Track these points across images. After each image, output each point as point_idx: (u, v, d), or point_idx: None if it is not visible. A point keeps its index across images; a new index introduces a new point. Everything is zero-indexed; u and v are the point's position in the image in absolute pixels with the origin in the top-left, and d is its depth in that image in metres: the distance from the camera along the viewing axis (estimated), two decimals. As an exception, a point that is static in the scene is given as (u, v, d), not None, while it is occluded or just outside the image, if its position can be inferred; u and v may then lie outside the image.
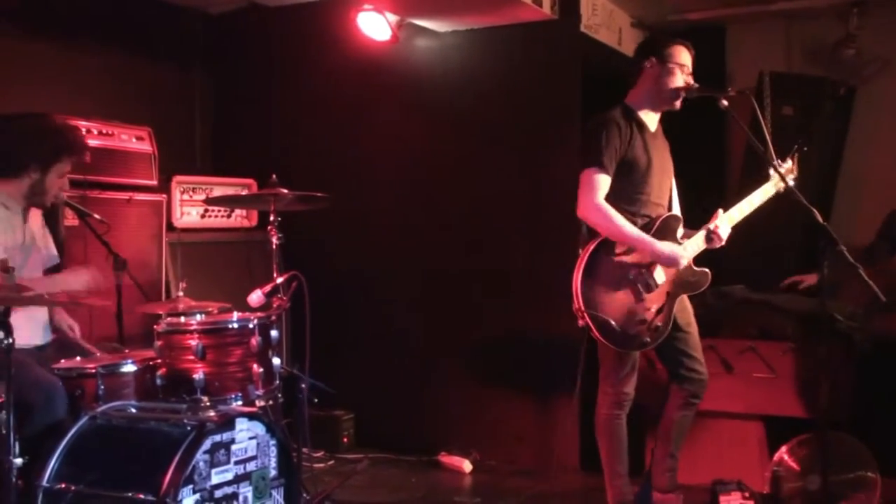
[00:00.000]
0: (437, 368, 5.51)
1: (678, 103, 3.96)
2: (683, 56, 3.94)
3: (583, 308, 3.73)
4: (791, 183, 3.93)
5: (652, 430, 4.28)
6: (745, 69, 5.91)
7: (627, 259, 3.81)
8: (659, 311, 3.83)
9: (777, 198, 4.05)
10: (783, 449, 4.40)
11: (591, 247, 3.80)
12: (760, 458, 4.63)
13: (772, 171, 3.97)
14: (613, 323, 3.74)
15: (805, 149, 4.17)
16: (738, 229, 3.99)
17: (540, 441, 5.23)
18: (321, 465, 5.16)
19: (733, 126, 5.71)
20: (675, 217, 3.97)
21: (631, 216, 3.83)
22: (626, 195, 3.85)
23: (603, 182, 3.79)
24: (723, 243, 3.95)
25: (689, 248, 3.89)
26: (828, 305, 4.72)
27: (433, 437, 5.37)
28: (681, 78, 3.91)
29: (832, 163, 5.70)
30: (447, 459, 5.22)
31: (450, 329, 5.49)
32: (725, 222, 3.94)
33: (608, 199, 3.80)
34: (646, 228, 3.84)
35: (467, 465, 5.15)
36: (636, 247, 3.79)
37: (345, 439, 5.48)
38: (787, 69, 5.78)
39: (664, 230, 3.89)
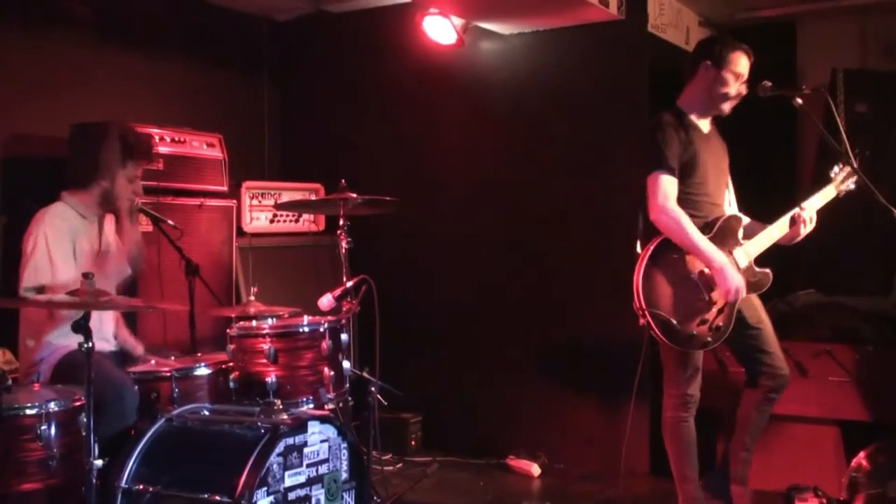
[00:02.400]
0: (504, 371, 5.50)
1: (727, 109, 3.94)
2: (741, 64, 3.88)
3: (644, 306, 3.69)
4: (852, 187, 3.92)
5: (722, 433, 4.21)
6: (816, 66, 5.78)
7: (690, 258, 3.76)
8: (720, 311, 3.78)
9: (848, 200, 3.97)
10: (861, 454, 4.30)
11: (653, 245, 3.76)
12: (836, 464, 4.52)
13: (833, 173, 3.94)
14: (674, 322, 3.69)
15: (867, 153, 4.08)
16: (807, 235, 3.93)
17: (609, 444, 5.17)
18: (390, 467, 5.18)
19: (806, 124, 5.60)
20: (735, 217, 3.92)
21: (693, 218, 3.78)
22: (686, 197, 3.81)
23: (671, 184, 3.76)
24: (812, 224, 3.89)
25: (752, 248, 3.86)
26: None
27: (501, 440, 5.36)
28: (734, 87, 3.88)
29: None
30: (515, 463, 5.20)
31: (517, 332, 5.47)
32: (811, 206, 3.91)
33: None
34: (706, 229, 3.80)
35: (535, 469, 5.12)
36: (703, 260, 3.73)
37: (413, 442, 5.50)
38: (861, 65, 5.64)
39: (725, 231, 3.85)
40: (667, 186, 3.75)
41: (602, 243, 5.22)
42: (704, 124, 3.98)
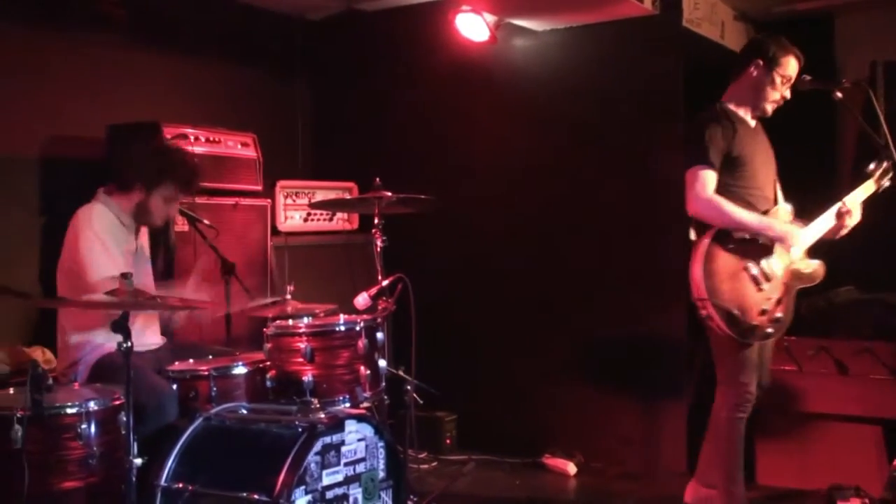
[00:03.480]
0: (539, 369, 5.47)
1: (769, 110, 3.92)
2: (791, 67, 3.87)
3: (706, 297, 3.66)
4: (887, 184, 3.91)
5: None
6: (855, 59, 5.69)
7: (745, 248, 3.75)
8: (779, 302, 3.78)
9: (889, 195, 3.94)
10: (903, 453, 4.24)
11: (708, 238, 3.75)
12: (879, 464, 4.46)
13: (869, 169, 3.92)
14: (737, 313, 3.68)
15: None
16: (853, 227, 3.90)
17: (646, 443, 5.15)
18: (425, 466, 5.18)
19: (846, 118, 5.52)
20: (785, 209, 3.92)
21: None
22: (737, 192, 3.81)
23: (709, 177, 3.75)
24: (857, 219, 3.89)
25: (808, 233, 3.85)
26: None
27: (536, 438, 5.33)
28: (780, 89, 3.87)
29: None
30: (551, 461, 5.17)
31: (552, 329, 5.45)
32: (853, 202, 3.90)
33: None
34: None
35: (571, 468, 5.09)
36: (755, 230, 3.74)
37: (448, 440, 5.48)
38: (901, 58, 5.55)
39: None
40: (705, 179, 3.75)
41: (640, 240, 5.19)
42: (750, 119, 3.96)
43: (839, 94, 3.77)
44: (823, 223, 3.89)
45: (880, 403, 4.50)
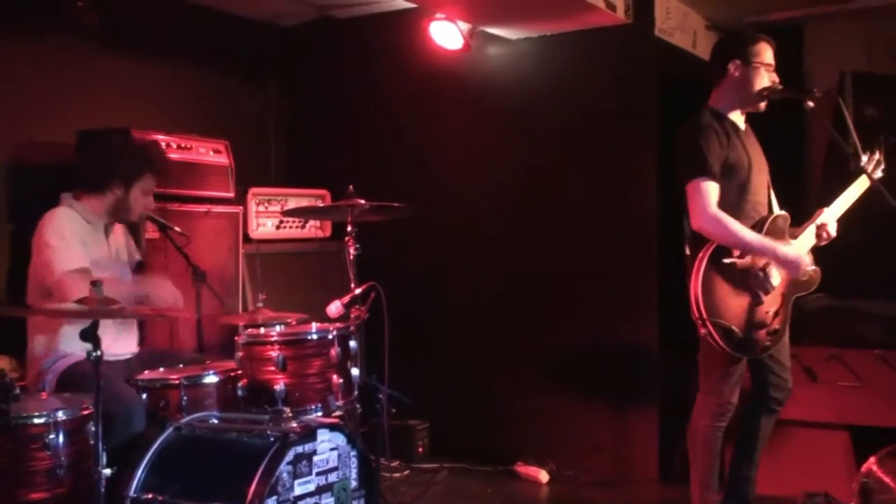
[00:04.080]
0: (512, 377, 5.48)
1: (763, 104, 3.87)
2: (768, 54, 3.84)
3: (706, 316, 3.61)
4: (880, 175, 3.86)
5: (729, 439, 4.17)
6: (823, 70, 5.75)
7: (744, 262, 3.71)
8: (776, 314, 3.75)
9: (862, 201, 3.94)
10: (872, 460, 4.25)
11: (708, 252, 3.67)
12: (847, 469, 4.49)
13: (863, 162, 3.84)
14: (736, 330, 3.64)
15: (893, 141, 4.04)
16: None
17: (618, 450, 5.16)
18: (397, 474, 5.16)
19: (815, 127, 5.58)
20: (783, 217, 3.86)
21: (740, 220, 3.71)
22: (733, 200, 3.75)
23: (712, 190, 3.68)
24: (831, 238, 3.87)
25: (802, 245, 3.82)
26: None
27: (509, 446, 5.32)
28: (766, 77, 3.82)
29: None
30: (523, 469, 5.17)
31: (525, 337, 5.46)
32: (830, 217, 3.87)
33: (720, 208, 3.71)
34: (755, 229, 3.73)
35: (544, 476, 5.09)
36: (759, 253, 3.69)
37: (420, 449, 5.46)
38: (869, 69, 5.61)
39: (774, 231, 3.79)
40: (708, 192, 3.67)
41: (611, 248, 5.21)
42: (741, 123, 3.91)
43: (811, 104, 3.77)
44: (809, 238, 3.85)
45: (849, 410, 4.55)
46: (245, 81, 6.02)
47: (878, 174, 3.88)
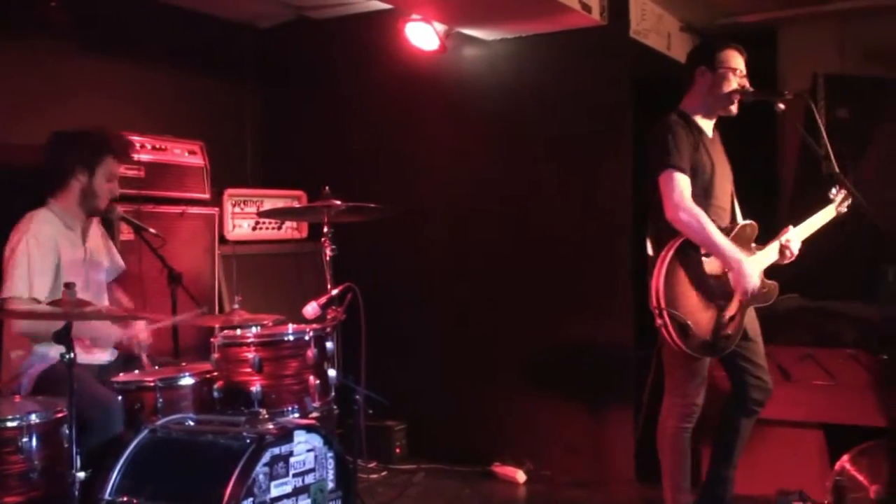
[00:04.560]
0: (489, 378, 5.49)
1: (734, 108, 3.92)
2: (735, 60, 3.89)
3: (663, 306, 3.63)
4: (844, 210, 3.95)
5: (708, 439, 4.21)
6: (797, 72, 5.82)
7: (708, 262, 3.74)
8: (731, 319, 3.77)
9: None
10: (845, 458, 4.32)
11: (675, 246, 3.70)
12: (820, 468, 4.54)
13: (832, 194, 3.94)
14: (692, 326, 3.66)
15: (848, 162, 4.10)
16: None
17: (594, 451, 5.18)
18: (374, 476, 5.16)
19: (787, 130, 5.63)
20: (751, 226, 3.89)
21: None
22: (697, 203, 3.76)
23: (685, 182, 3.71)
24: (794, 257, 3.90)
25: (761, 260, 3.84)
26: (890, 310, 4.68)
27: (486, 447, 5.33)
28: (734, 81, 3.87)
29: (892, 166, 5.56)
30: (500, 470, 5.18)
31: (501, 338, 5.47)
32: (795, 237, 3.91)
33: None
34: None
35: (521, 476, 5.11)
36: (721, 257, 3.71)
37: (398, 450, 5.46)
38: (841, 70, 5.67)
39: (741, 239, 3.83)
40: (681, 183, 3.70)
41: (588, 249, 5.23)
42: (709, 128, 3.96)
43: (781, 106, 3.81)
44: (772, 254, 3.89)
45: (822, 408, 4.58)
46: (221, 82, 5.98)
47: (843, 209, 3.98)
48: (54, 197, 3.89)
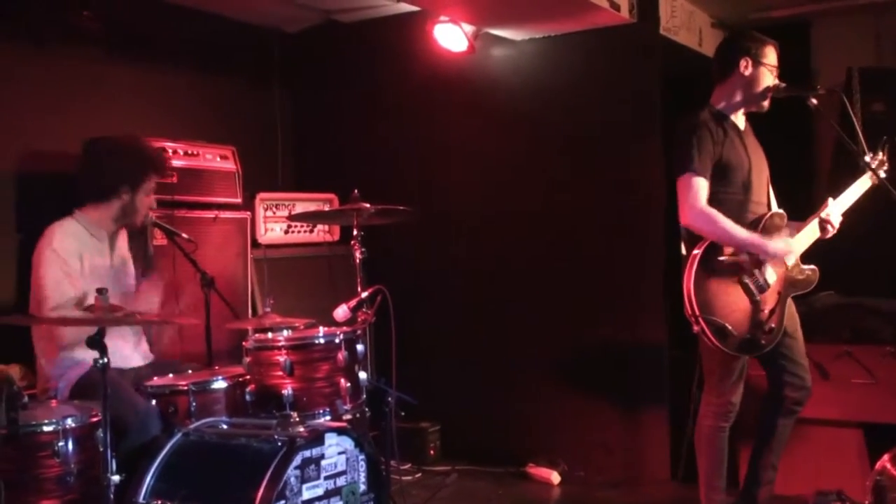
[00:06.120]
0: (523, 378, 5.47)
1: (766, 104, 3.88)
2: (773, 57, 3.86)
3: (698, 313, 3.59)
4: (883, 175, 3.84)
5: (747, 439, 4.15)
6: (831, 66, 5.73)
7: (738, 260, 3.69)
8: (772, 313, 3.72)
9: (869, 199, 3.92)
10: (885, 457, 4.21)
11: (700, 250, 3.67)
12: (860, 467, 4.47)
13: (867, 159, 3.85)
14: (730, 327, 3.61)
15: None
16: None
17: (629, 451, 5.15)
18: (408, 477, 5.16)
19: (822, 124, 5.55)
20: (779, 214, 3.84)
21: (738, 221, 3.70)
22: (738, 200, 3.75)
23: (701, 185, 3.68)
24: (836, 230, 3.86)
25: (798, 241, 3.80)
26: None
27: (520, 448, 5.32)
28: (770, 79, 3.83)
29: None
30: (535, 471, 5.16)
31: (535, 339, 5.44)
32: (835, 210, 3.85)
33: (716, 207, 3.70)
34: (750, 228, 3.72)
35: (555, 477, 5.08)
36: (746, 249, 3.68)
37: (431, 451, 5.47)
38: (877, 64, 5.58)
39: (770, 229, 3.77)
40: (697, 188, 3.67)
41: (618, 249, 5.20)
42: (741, 122, 3.91)
43: (814, 101, 3.76)
44: (811, 233, 3.84)
45: (861, 407, 4.52)
46: (251, 87, 6.03)
47: (882, 174, 3.88)
48: (85, 208, 3.93)
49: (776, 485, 4.01)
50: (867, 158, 3.85)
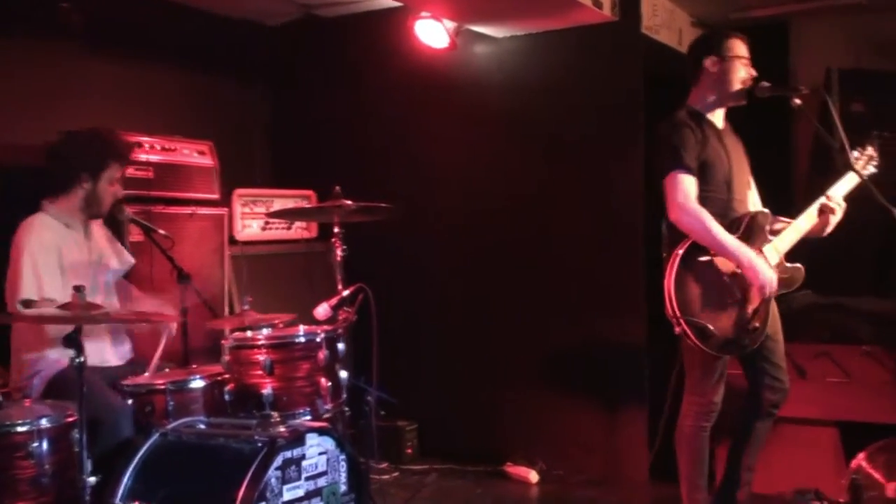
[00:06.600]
0: (501, 377, 5.46)
1: (743, 100, 3.88)
2: (741, 48, 3.85)
3: (679, 314, 3.58)
4: (873, 171, 3.86)
5: (723, 438, 4.16)
6: (809, 66, 5.75)
7: (720, 260, 3.68)
8: (756, 312, 3.71)
9: (846, 198, 3.92)
10: (861, 456, 4.26)
11: (682, 249, 3.65)
12: (836, 466, 4.50)
13: (853, 158, 3.84)
14: (711, 328, 3.60)
15: (885, 135, 4.03)
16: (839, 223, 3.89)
17: (607, 450, 5.15)
18: (385, 476, 5.13)
19: (800, 126, 5.58)
20: (762, 213, 3.82)
21: (723, 220, 3.70)
22: (711, 196, 3.73)
23: (689, 183, 3.67)
24: (841, 211, 3.82)
25: (780, 244, 3.79)
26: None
27: (498, 446, 5.31)
28: (743, 70, 3.83)
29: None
30: (513, 470, 5.15)
31: (513, 337, 5.43)
32: (838, 193, 3.84)
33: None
34: (732, 227, 3.71)
35: (534, 476, 5.07)
36: (729, 256, 3.65)
37: (409, 450, 5.44)
38: (855, 65, 5.61)
39: (753, 228, 3.75)
40: (686, 185, 3.66)
41: (600, 247, 5.19)
42: (719, 121, 3.91)
43: (798, 101, 3.76)
44: (803, 223, 3.83)
45: (837, 406, 4.55)
46: (229, 81, 5.96)
47: (870, 169, 3.88)
48: (53, 200, 3.89)
49: (754, 483, 4.03)
50: (855, 154, 3.85)
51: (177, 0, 5.38)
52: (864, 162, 3.89)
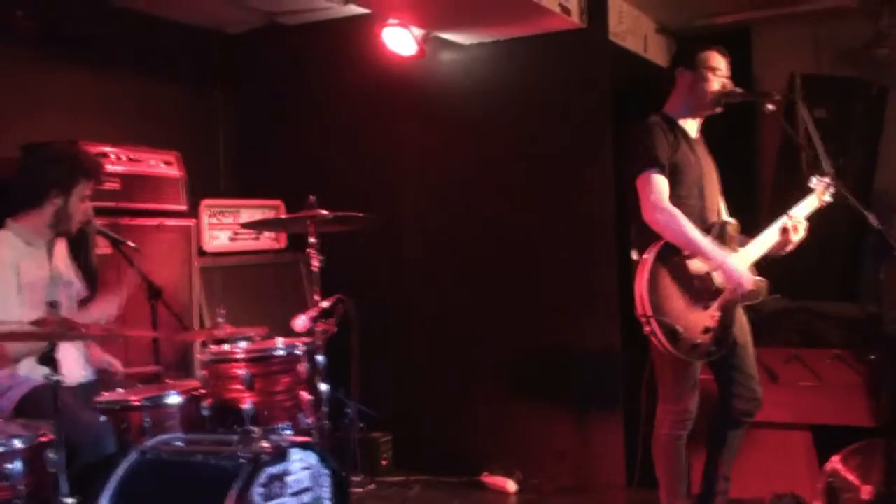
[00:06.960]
0: (475, 386, 5.43)
1: (718, 108, 3.89)
2: (716, 60, 3.87)
3: (650, 314, 3.56)
4: (829, 199, 3.90)
5: (698, 445, 4.17)
6: (772, 72, 5.81)
7: (692, 263, 3.67)
8: (721, 320, 3.70)
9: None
10: (835, 459, 4.30)
11: (656, 250, 3.64)
12: (809, 469, 4.54)
13: (812, 183, 3.89)
14: (681, 330, 3.58)
15: (840, 163, 4.09)
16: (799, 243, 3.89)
17: (583, 457, 5.14)
18: (360, 489, 5.05)
19: (767, 131, 5.64)
20: (730, 223, 3.84)
21: (697, 226, 3.69)
22: (680, 202, 3.72)
23: (662, 182, 3.67)
24: (802, 232, 3.83)
25: (748, 255, 3.79)
26: (873, 309, 4.70)
27: (474, 457, 5.26)
28: (716, 82, 3.84)
29: (867, 166, 5.60)
30: (490, 480, 5.11)
31: (487, 347, 5.41)
32: (800, 213, 3.85)
33: None
34: (704, 233, 3.70)
35: (511, 485, 5.04)
36: (705, 257, 3.65)
37: (384, 462, 5.38)
38: (817, 71, 5.70)
39: (722, 236, 3.77)
40: (659, 184, 3.66)
41: (571, 251, 5.20)
42: (693, 129, 3.93)
43: (771, 107, 3.79)
44: (766, 239, 3.84)
45: (809, 409, 4.59)
46: (192, 90, 5.86)
47: (827, 197, 3.92)
48: (18, 217, 3.78)
49: (730, 488, 4.03)
50: (814, 181, 3.89)
51: (136, 8, 5.28)
52: (823, 188, 3.92)
